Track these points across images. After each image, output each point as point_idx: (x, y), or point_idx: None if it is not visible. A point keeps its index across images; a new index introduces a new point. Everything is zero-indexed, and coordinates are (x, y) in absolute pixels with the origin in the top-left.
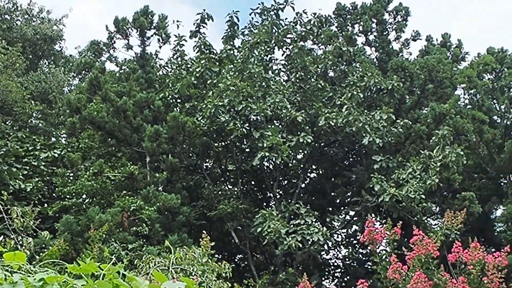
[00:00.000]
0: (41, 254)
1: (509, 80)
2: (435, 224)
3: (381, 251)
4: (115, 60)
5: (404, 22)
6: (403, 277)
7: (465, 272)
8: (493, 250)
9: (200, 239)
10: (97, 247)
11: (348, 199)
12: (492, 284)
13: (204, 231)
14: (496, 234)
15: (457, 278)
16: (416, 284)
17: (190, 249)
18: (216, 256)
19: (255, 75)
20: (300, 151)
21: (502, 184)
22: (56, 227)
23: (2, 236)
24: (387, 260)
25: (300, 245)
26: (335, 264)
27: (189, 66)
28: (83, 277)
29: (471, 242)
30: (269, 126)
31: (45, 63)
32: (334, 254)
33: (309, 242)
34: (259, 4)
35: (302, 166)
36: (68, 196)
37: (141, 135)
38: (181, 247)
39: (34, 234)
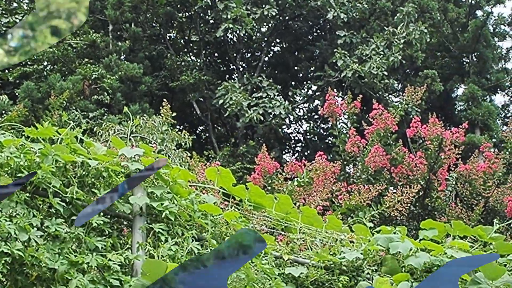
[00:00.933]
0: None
1: None
2: (397, 102)
3: (341, 126)
4: None
5: None
6: (361, 151)
7: (423, 147)
8: (452, 128)
9: (161, 108)
10: (57, 114)
11: (311, 74)
12: (449, 159)
13: (165, 101)
14: (456, 112)
15: (415, 153)
16: (374, 157)
17: (150, 118)
18: (178, 127)
19: None
20: (264, 24)
21: (464, 63)
22: (16, 93)
23: None
24: (347, 134)
25: (262, 118)
26: (296, 138)
27: None
28: (40, 141)
29: (430, 118)
30: None
31: None
32: (295, 129)
33: (271, 116)
34: None
35: (266, 39)
36: (29, 63)
37: (104, 2)
38: (141, 116)
39: None
